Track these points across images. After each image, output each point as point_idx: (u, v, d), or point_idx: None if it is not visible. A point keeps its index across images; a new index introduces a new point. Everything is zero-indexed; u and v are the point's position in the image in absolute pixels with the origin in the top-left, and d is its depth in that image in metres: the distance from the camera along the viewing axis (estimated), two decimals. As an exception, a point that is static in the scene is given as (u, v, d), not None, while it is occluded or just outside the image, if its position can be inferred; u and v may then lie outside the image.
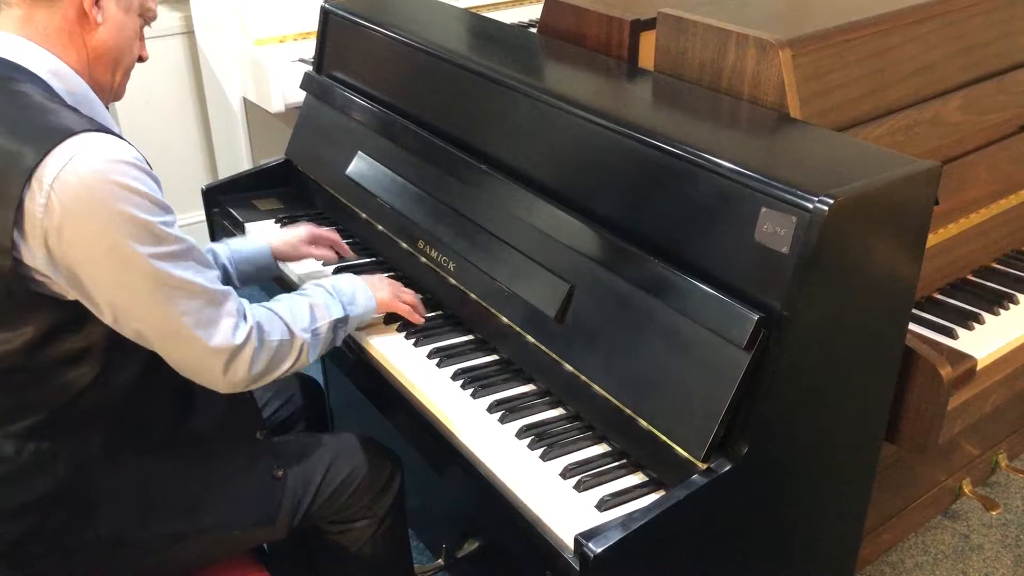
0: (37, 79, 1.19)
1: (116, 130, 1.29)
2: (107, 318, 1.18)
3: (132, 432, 1.29)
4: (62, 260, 1.12)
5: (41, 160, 1.09)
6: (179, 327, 1.18)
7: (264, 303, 1.35)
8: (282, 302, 1.37)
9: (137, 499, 1.30)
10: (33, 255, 1.13)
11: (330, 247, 1.74)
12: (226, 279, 1.63)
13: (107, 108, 1.31)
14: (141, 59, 1.35)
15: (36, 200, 1.10)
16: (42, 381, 1.21)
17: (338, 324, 1.41)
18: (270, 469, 1.41)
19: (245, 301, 1.28)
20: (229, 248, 1.64)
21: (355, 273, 1.69)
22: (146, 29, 1.35)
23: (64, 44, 1.22)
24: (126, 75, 1.32)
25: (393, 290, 1.54)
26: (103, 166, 1.11)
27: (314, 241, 1.72)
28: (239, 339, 1.23)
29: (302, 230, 1.72)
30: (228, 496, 1.38)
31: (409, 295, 1.57)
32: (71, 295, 1.16)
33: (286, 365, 1.31)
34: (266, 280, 1.75)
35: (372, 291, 1.50)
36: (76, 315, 1.18)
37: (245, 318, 1.25)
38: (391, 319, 1.58)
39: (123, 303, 1.16)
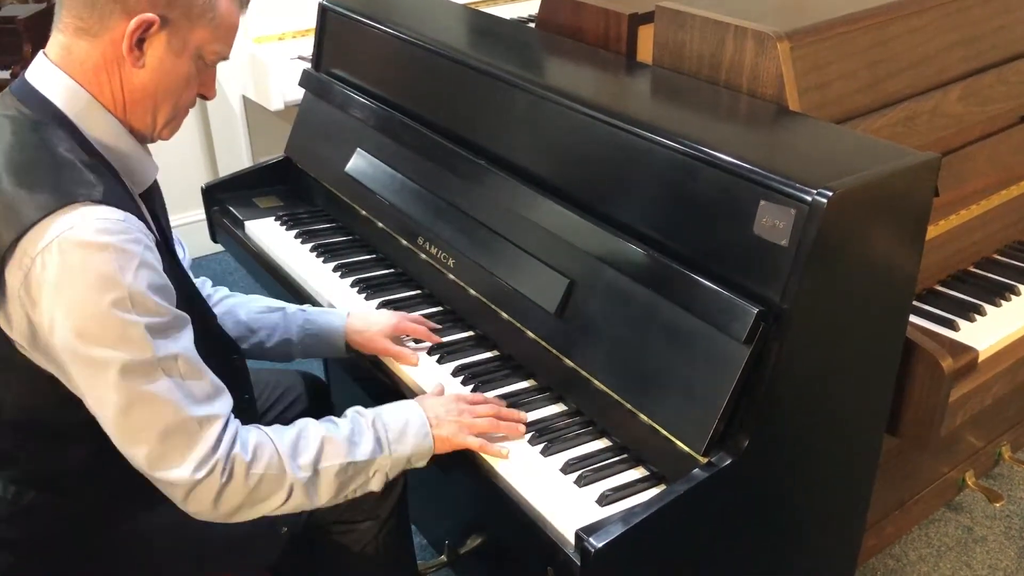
0: (66, 122, 1.12)
1: (151, 174, 1.23)
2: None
3: (132, 492, 1.22)
4: (40, 337, 1.06)
5: (30, 228, 1.03)
6: (134, 448, 1.08)
7: (270, 428, 1.19)
8: (295, 427, 1.20)
9: (137, 548, 1.28)
10: (11, 324, 1.08)
11: (414, 339, 1.52)
12: (286, 346, 1.51)
13: (146, 148, 1.22)
14: (204, 97, 1.24)
15: (16, 271, 1.04)
16: (40, 447, 1.19)
17: (364, 467, 1.21)
18: (275, 527, 1.37)
19: (232, 425, 1.13)
20: (305, 315, 1.51)
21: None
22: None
23: (101, 82, 1.13)
24: (173, 117, 1.20)
25: (461, 419, 1.27)
26: (91, 252, 1.02)
27: (396, 334, 1.49)
28: (200, 473, 1.09)
29: (385, 320, 1.49)
30: (230, 550, 1.35)
31: (485, 420, 1.28)
32: (52, 371, 1.11)
33: (273, 504, 1.16)
34: (331, 356, 1.57)
35: (432, 424, 1.26)
36: (68, 393, 1.11)
37: (218, 447, 1.10)
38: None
39: (86, 399, 1.09)
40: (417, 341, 1.53)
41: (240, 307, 1.52)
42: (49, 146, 1.09)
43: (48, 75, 1.14)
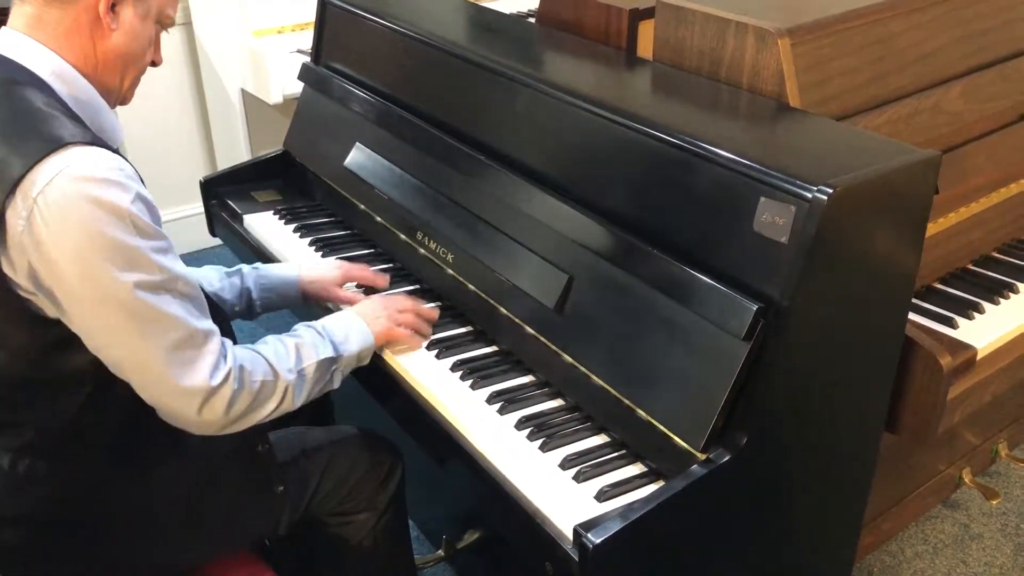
0: (40, 82, 1.16)
1: (120, 135, 1.27)
2: (87, 344, 1.14)
3: (130, 453, 1.26)
4: (43, 278, 1.09)
5: (27, 172, 1.06)
6: (152, 363, 1.13)
7: (248, 344, 1.29)
8: (268, 343, 1.31)
9: (135, 516, 1.29)
10: (14, 269, 1.10)
11: (360, 284, 1.65)
12: (248, 303, 1.58)
13: (114, 111, 1.28)
14: (154, 64, 1.30)
15: (19, 213, 1.06)
16: (34, 402, 1.19)
17: (330, 364, 1.35)
18: (271, 485, 1.40)
19: (228, 342, 1.23)
20: (258, 272, 1.59)
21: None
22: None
23: (73, 46, 1.18)
24: (136, 80, 1.28)
25: (390, 315, 1.47)
26: (91, 184, 1.07)
27: (347, 280, 1.63)
28: (216, 380, 1.17)
29: (334, 271, 1.62)
30: (228, 514, 1.37)
31: (408, 315, 1.49)
32: (52, 313, 1.13)
33: (269, 407, 1.25)
34: (289, 307, 1.68)
35: (368, 324, 1.43)
36: (63, 336, 1.14)
37: (225, 358, 1.19)
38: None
39: (97, 329, 1.12)
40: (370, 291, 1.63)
41: (202, 280, 1.55)
42: (26, 101, 1.13)
43: (17, 43, 1.18)
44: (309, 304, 1.64)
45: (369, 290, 1.65)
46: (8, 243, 1.08)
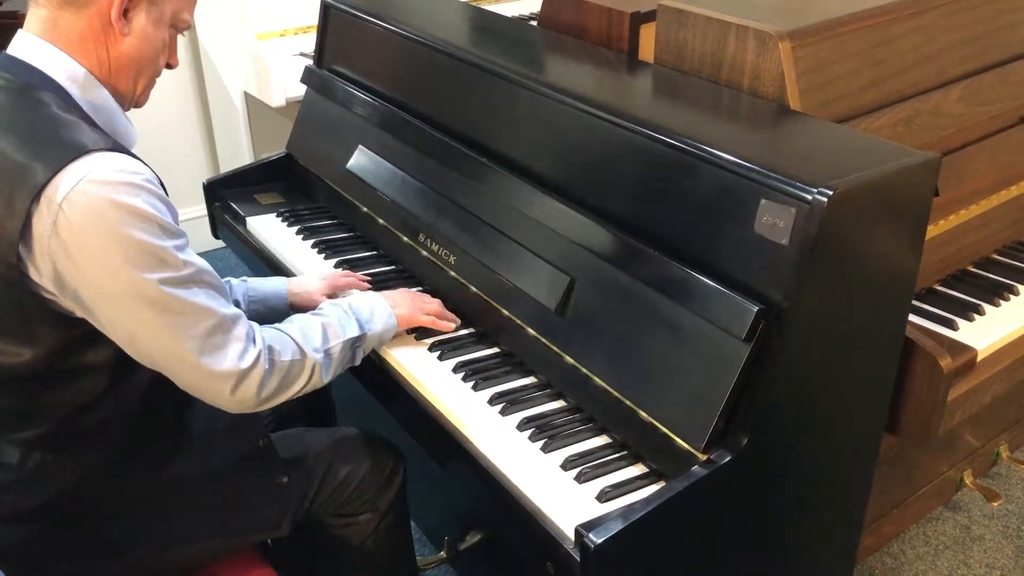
0: (56, 87, 1.17)
1: (134, 137, 1.29)
2: (115, 340, 1.17)
3: (137, 444, 1.28)
4: (69, 281, 1.11)
5: (51, 178, 1.08)
6: (184, 353, 1.16)
7: (275, 324, 1.33)
8: (294, 323, 1.35)
9: (142, 509, 1.30)
10: (40, 273, 1.11)
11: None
12: None
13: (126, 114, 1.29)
14: (169, 66, 1.31)
15: (44, 220, 1.08)
16: (50, 393, 1.21)
17: (355, 343, 1.39)
18: (274, 476, 1.41)
19: (255, 324, 1.26)
20: (246, 285, 1.61)
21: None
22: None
23: (87, 51, 1.19)
24: (150, 84, 1.29)
25: (414, 303, 1.52)
26: (113, 189, 1.09)
27: (333, 291, 1.64)
28: (246, 363, 1.21)
29: (319, 281, 1.64)
30: (233, 505, 1.38)
31: (433, 304, 1.55)
32: (79, 313, 1.15)
33: (298, 385, 1.29)
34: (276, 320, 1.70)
35: (393, 307, 1.47)
36: (86, 332, 1.17)
37: (254, 341, 1.23)
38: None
39: (128, 327, 1.15)
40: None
41: None
42: (43, 106, 1.14)
43: (33, 47, 1.19)
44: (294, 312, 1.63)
45: None
46: (34, 248, 1.10)
